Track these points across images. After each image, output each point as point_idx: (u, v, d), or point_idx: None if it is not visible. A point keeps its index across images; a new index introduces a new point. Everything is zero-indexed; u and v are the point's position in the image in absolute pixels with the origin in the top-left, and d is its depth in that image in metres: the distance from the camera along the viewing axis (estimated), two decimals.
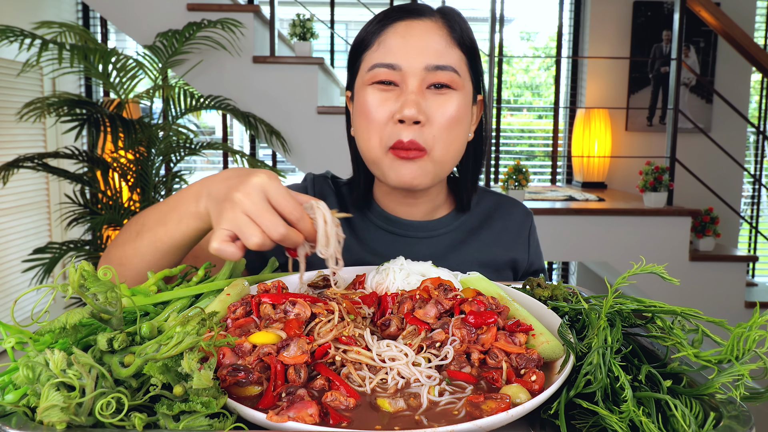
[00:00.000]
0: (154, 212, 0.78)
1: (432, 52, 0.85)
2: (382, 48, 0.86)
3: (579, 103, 4.41)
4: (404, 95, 0.84)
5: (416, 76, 0.84)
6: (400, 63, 0.84)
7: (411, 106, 0.83)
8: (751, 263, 4.29)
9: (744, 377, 0.47)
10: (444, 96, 0.86)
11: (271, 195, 0.64)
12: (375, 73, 0.86)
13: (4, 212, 3.46)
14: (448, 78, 0.85)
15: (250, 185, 0.63)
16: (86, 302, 0.49)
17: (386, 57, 0.85)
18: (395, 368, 0.54)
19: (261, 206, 0.63)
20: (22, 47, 2.53)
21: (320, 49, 4.26)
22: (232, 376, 0.49)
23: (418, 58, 0.84)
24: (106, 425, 0.43)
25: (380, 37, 0.87)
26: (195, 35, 2.87)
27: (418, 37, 0.85)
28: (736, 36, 3.19)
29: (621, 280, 0.56)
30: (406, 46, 0.85)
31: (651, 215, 3.07)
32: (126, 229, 0.81)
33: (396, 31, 0.86)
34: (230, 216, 0.63)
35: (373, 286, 0.74)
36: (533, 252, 1.06)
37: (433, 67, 0.84)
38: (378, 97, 0.86)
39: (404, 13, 0.87)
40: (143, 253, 0.77)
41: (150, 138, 2.78)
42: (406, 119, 0.83)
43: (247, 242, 0.63)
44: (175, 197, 0.75)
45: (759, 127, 4.49)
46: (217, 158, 4.78)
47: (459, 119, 0.87)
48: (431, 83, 0.85)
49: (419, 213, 0.99)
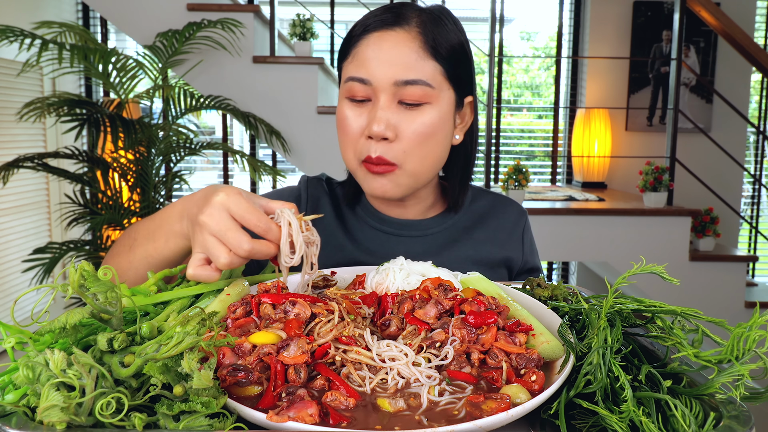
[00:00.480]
0: (145, 226, 0.79)
1: (401, 66, 0.82)
2: (355, 61, 0.85)
3: (579, 103, 4.41)
4: (374, 110, 0.83)
5: (386, 91, 0.83)
6: (370, 78, 0.83)
7: (379, 123, 0.82)
8: (751, 263, 4.28)
9: (744, 377, 0.47)
10: (415, 111, 0.84)
11: (233, 211, 0.64)
12: (349, 86, 0.85)
13: (4, 212, 3.46)
14: (419, 93, 0.83)
15: (212, 205, 0.64)
16: (86, 302, 0.49)
17: (358, 71, 0.84)
18: (395, 368, 0.54)
19: (224, 224, 0.63)
20: (22, 47, 2.53)
21: (320, 49, 4.26)
22: (232, 376, 0.49)
23: (387, 72, 0.82)
24: (106, 425, 0.43)
25: (355, 47, 0.86)
26: (195, 35, 2.87)
27: (389, 51, 0.82)
28: (736, 36, 3.19)
29: (621, 280, 0.56)
30: (376, 59, 0.83)
31: (651, 215, 3.07)
32: (120, 241, 0.82)
33: (369, 42, 0.84)
34: (200, 239, 0.65)
35: (373, 286, 0.74)
36: (527, 250, 1.06)
37: (403, 82, 0.82)
38: (351, 111, 0.86)
39: (379, 24, 0.85)
40: (136, 267, 0.78)
41: (150, 138, 2.78)
42: (374, 136, 0.83)
43: (216, 263, 0.64)
44: (163, 213, 0.76)
45: (759, 127, 4.49)
46: (217, 158, 4.78)
47: (432, 133, 0.85)
48: (401, 99, 0.83)
49: (411, 213, 0.99)
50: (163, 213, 0.76)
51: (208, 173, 5.19)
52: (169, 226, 0.73)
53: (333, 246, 0.96)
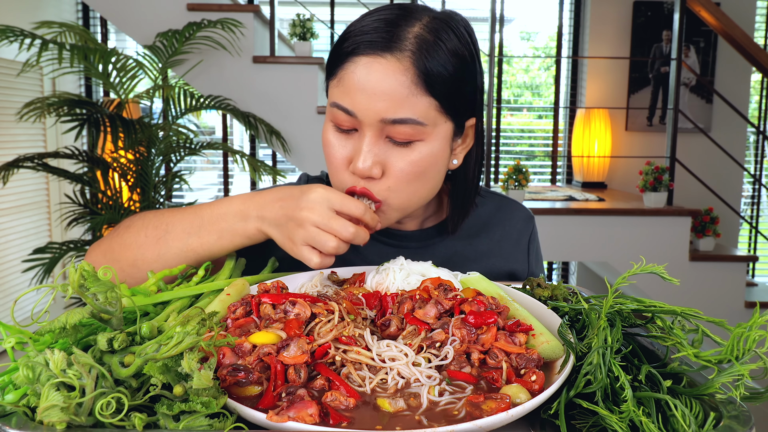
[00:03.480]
0: (180, 221, 0.78)
1: (389, 102, 0.73)
2: (341, 85, 0.76)
3: (579, 103, 4.41)
4: (359, 144, 0.76)
5: (372, 126, 0.75)
6: (356, 111, 0.75)
7: (365, 161, 0.75)
8: (751, 263, 4.29)
9: (744, 377, 0.47)
10: (405, 148, 0.77)
11: (333, 202, 0.71)
12: (334, 113, 0.78)
13: (4, 212, 3.46)
14: (409, 132, 0.75)
15: (311, 201, 0.70)
16: (86, 302, 0.49)
17: (343, 99, 0.76)
18: (395, 368, 0.54)
19: (327, 215, 0.70)
20: (22, 47, 2.53)
21: (320, 49, 4.26)
22: (232, 376, 0.49)
23: (373, 107, 0.73)
24: (106, 425, 0.43)
25: (342, 69, 0.76)
26: (195, 35, 2.87)
27: (377, 83, 0.73)
28: (736, 36, 3.19)
29: (621, 280, 0.56)
30: (362, 91, 0.73)
31: (651, 215, 3.07)
32: (139, 231, 0.79)
33: (355, 68, 0.74)
34: (301, 233, 0.70)
35: (373, 286, 0.74)
36: (533, 261, 1.01)
37: (391, 121, 0.74)
38: (336, 139, 0.79)
39: (368, 46, 0.74)
40: (167, 260, 0.77)
41: (150, 138, 2.78)
42: (357, 174, 0.77)
43: (324, 250, 0.70)
44: (211, 211, 0.77)
45: (759, 127, 4.49)
46: (217, 158, 4.78)
47: (422, 171, 0.78)
48: (389, 136, 0.76)
49: (411, 225, 0.96)
50: (212, 210, 0.77)
51: (208, 173, 5.19)
52: (227, 224, 0.75)
53: None
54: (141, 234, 0.79)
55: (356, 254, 0.95)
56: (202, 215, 0.77)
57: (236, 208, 0.75)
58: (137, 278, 0.79)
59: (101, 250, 0.83)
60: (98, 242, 0.84)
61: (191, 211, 0.78)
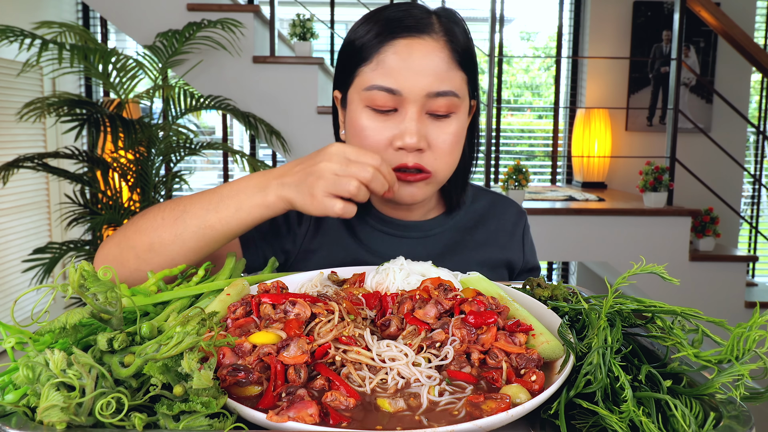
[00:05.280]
0: (199, 200, 0.78)
1: (434, 77, 0.81)
2: (381, 68, 0.82)
3: (579, 103, 4.41)
4: (404, 122, 0.82)
5: (416, 102, 0.81)
6: (400, 88, 0.81)
7: (412, 136, 0.81)
8: (751, 263, 4.28)
9: (744, 377, 0.47)
10: (444, 122, 0.84)
11: (349, 153, 0.73)
12: (373, 96, 0.82)
13: (4, 212, 3.46)
14: (448, 104, 0.83)
15: (330, 153, 0.73)
16: (86, 302, 0.49)
17: (385, 79, 0.81)
18: (395, 368, 0.54)
19: (344, 162, 0.72)
20: (22, 47, 2.53)
21: (320, 49, 4.26)
22: (232, 376, 0.49)
23: (418, 83, 0.80)
24: (106, 425, 0.43)
25: (379, 53, 0.82)
26: (195, 35, 2.87)
27: (420, 60, 0.80)
28: (736, 36, 3.19)
29: (621, 280, 0.56)
30: (406, 69, 0.80)
31: (651, 215, 3.07)
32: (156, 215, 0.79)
33: (396, 50, 0.81)
34: (322, 184, 0.72)
35: (373, 286, 0.74)
36: (528, 251, 1.07)
37: (434, 94, 0.81)
38: (373, 122, 0.84)
39: (405, 30, 0.82)
40: (185, 239, 0.77)
41: (150, 138, 2.78)
42: (408, 148, 0.82)
43: (345, 192, 0.72)
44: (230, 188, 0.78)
45: (759, 127, 4.49)
46: (217, 158, 4.78)
47: (459, 141, 0.87)
48: (431, 111, 0.83)
49: (415, 215, 1.00)
50: (230, 186, 0.77)
51: (208, 173, 5.19)
52: (245, 196, 0.76)
53: (337, 243, 0.97)
54: (158, 217, 0.79)
55: (359, 243, 0.98)
56: (221, 192, 0.78)
57: (255, 181, 0.77)
58: (154, 263, 0.78)
59: (115, 242, 0.81)
60: (110, 236, 0.83)
61: (210, 191, 0.79)
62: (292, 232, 0.96)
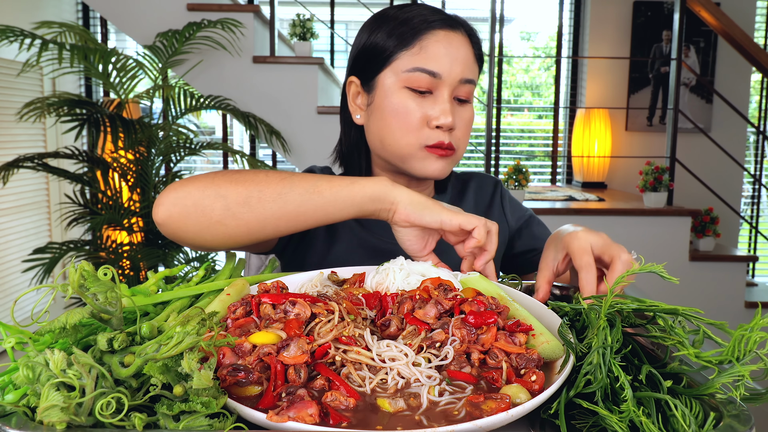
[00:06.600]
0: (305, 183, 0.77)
1: (466, 65, 0.92)
2: (423, 53, 0.90)
3: (579, 103, 4.41)
4: (440, 104, 0.91)
5: (451, 86, 0.92)
6: (441, 72, 0.90)
7: (447, 116, 0.91)
8: (751, 263, 4.28)
9: (744, 378, 0.47)
10: (465, 106, 0.96)
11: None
12: (414, 77, 0.90)
13: (4, 212, 3.46)
14: (469, 91, 0.94)
15: None
16: (86, 302, 0.49)
17: (428, 63, 0.90)
18: (395, 368, 0.53)
19: None
20: (22, 47, 2.53)
21: (320, 49, 4.26)
22: (232, 376, 0.49)
23: (455, 69, 0.91)
24: (106, 425, 0.43)
25: (421, 40, 0.91)
26: (195, 35, 2.87)
27: (457, 49, 0.92)
28: (736, 36, 3.19)
29: (620, 279, 0.56)
30: (446, 55, 0.91)
31: (651, 215, 3.07)
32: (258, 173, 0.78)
33: (438, 38, 0.91)
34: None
35: (373, 286, 0.74)
36: (513, 211, 1.14)
37: (465, 81, 0.93)
38: (414, 102, 0.92)
39: (443, 23, 0.92)
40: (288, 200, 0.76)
41: (150, 138, 2.78)
42: (444, 126, 0.91)
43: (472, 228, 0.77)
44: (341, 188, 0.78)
45: (759, 127, 4.49)
46: (217, 158, 4.78)
47: (472, 125, 0.99)
48: (457, 95, 0.93)
49: None
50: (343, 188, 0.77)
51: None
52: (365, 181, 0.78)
53: (344, 225, 1.02)
54: (260, 174, 0.78)
55: (362, 226, 1.03)
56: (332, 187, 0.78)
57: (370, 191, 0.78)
58: (242, 220, 0.76)
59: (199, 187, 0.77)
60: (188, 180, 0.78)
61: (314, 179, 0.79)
62: None
